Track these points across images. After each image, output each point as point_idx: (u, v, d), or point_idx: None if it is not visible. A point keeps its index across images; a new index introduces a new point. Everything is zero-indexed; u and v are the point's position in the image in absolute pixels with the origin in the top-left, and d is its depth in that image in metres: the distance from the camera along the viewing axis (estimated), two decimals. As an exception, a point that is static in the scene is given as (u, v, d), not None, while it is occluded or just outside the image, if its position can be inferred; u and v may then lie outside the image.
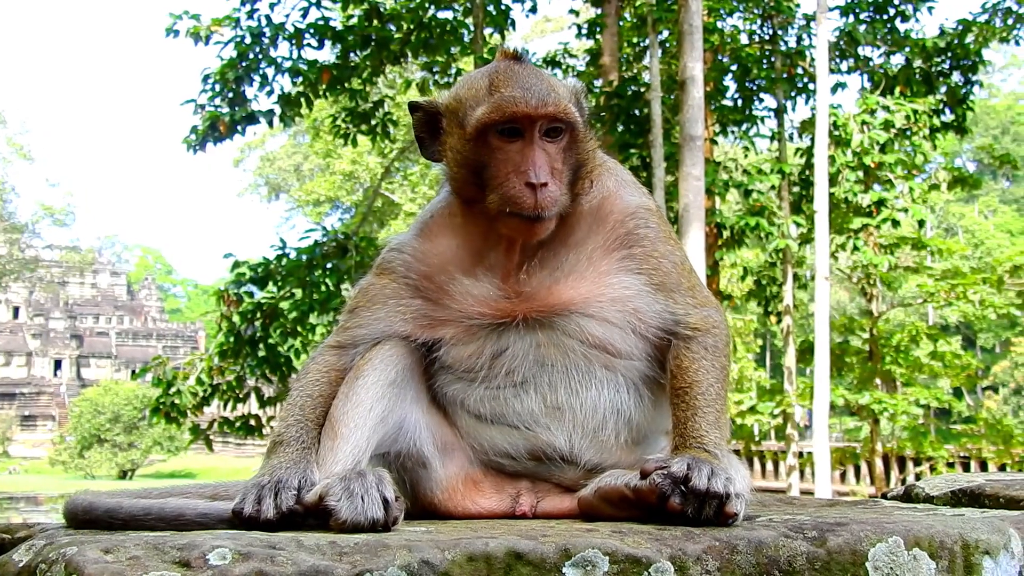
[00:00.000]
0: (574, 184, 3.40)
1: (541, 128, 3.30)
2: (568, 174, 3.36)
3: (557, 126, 3.32)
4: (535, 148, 3.29)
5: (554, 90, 3.34)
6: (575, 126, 3.36)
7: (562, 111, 3.31)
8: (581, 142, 3.40)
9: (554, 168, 3.30)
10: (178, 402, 21.47)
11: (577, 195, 3.43)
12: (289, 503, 2.98)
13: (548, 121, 3.30)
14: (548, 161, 3.29)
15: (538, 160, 3.27)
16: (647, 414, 3.52)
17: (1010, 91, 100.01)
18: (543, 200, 3.25)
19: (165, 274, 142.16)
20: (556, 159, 3.32)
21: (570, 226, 3.46)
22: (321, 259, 22.03)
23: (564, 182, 3.34)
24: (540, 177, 3.24)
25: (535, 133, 3.29)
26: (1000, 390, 75.40)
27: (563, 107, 3.31)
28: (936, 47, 26.07)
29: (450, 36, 23.81)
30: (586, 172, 3.46)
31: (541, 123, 3.29)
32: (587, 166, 3.45)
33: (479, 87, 3.39)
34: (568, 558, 2.52)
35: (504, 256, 3.45)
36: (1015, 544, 2.95)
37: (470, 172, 3.41)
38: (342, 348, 3.55)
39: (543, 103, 3.28)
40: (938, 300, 31.08)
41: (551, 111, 3.29)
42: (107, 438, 72.37)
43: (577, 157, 3.39)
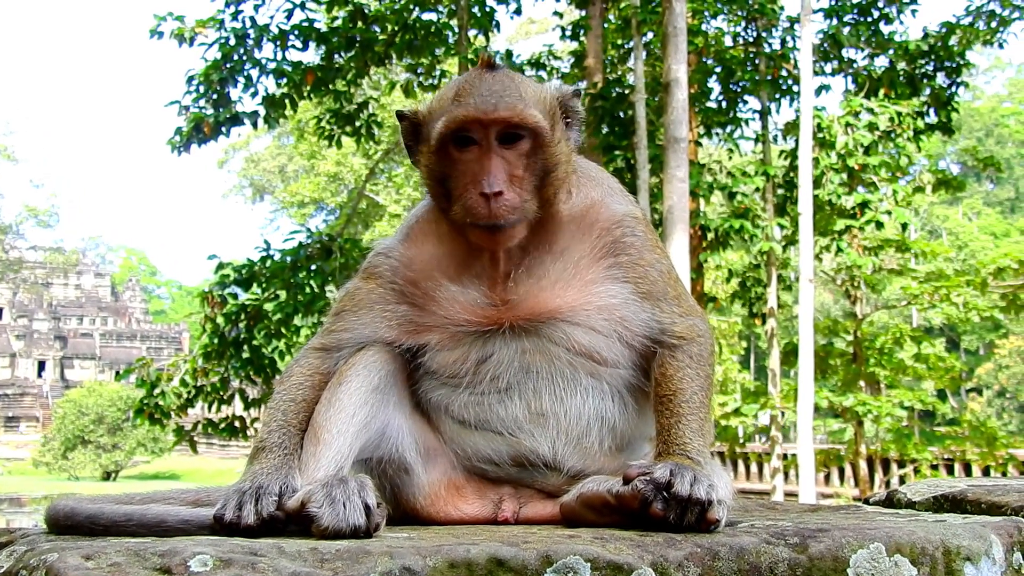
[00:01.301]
0: (543, 190, 3.36)
1: (496, 135, 3.28)
2: (533, 180, 3.33)
3: (514, 132, 3.29)
4: (491, 156, 3.27)
5: (513, 96, 3.30)
6: (537, 132, 3.31)
7: (515, 117, 3.27)
8: (546, 147, 3.34)
9: (513, 175, 3.28)
10: (162, 403, 21.40)
11: (548, 202, 3.39)
12: (270, 509, 2.97)
13: (502, 127, 3.27)
14: (506, 168, 3.27)
15: (493, 168, 3.25)
16: (631, 421, 3.53)
17: (994, 93, 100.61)
18: (497, 209, 3.23)
19: (149, 275, 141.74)
20: (516, 166, 3.29)
21: (554, 233, 3.45)
22: (305, 261, 21.98)
23: (527, 188, 3.31)
24: (493, 186, 3.22)
25: (490, 141, 3.27)
26: (984, 392, 75.63)
27: (517, 113, 3.27)
28: (920, 49, 26.13)
29: (435, 38, 23.80)
30: (557, 178, 3.40)
31: (495, 130, 3.27)
32: (557, 171, 3.39)
33: (446, 98, 3.40)
34: (550, 565, 2.51)
35: (489, 264, 3.45)
36: (996, 550, 2.95)
37: (437, 183, 3.44)
38: (326, 351, 3.54)
39: (493, 109, 3.25)
40: (922, 302, 31.14)
41: (501, 116, 3.26)
42: (91, 439, 72.19)
43: (544, 162, 3.34)
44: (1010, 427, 65.35)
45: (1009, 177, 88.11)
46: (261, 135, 68.57)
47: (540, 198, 3.36)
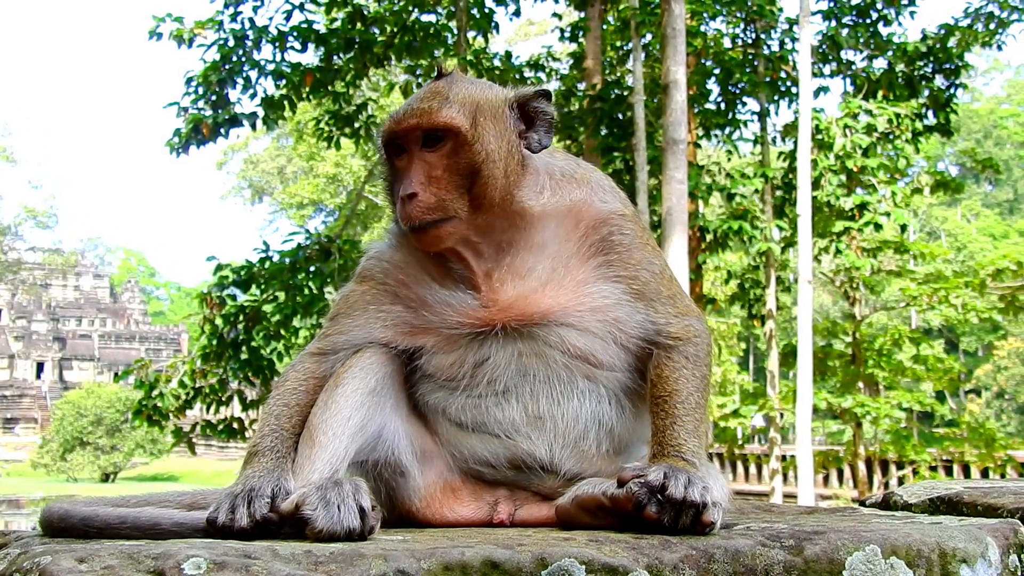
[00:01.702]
0: (474, 188, 3.35)
1: (417, 140, 3.34)
2: (457, 180, 3.33)
3: (434, 134, 3.33)
4: (413, 161, 3.34)
5: (432, 100, 3.37)
6: (454, 132, 3.33)
7: (427, 121, 3.32)
8: (467, 146, 3.34)
9: (431, 176, 3.32)
10: (160, 405, 21.39)
11: (482, 200, 3.37)
12: (263, 511, 2.96)
13: (419, 132, 3.33)
14: (425, 170, 3.32)
15: (411, 172, 3.32)
16: (628, 424, 3.53)
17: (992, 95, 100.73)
18: (411, 211, 3.29)
19: (148, 277, 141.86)
20: (436, 167, 3.32)
21: (530, 231, 3.45)
22: (304, 262, 21.97)
23: (450, 188, 3.33)
24: (407, 189, 3.30)
25: (413, 146, 3.35)
26: (983, 394, 75.72)
27: (429, 116, 3.32)
28: (918, 51, 26.17)
29: (433, 39, 23.79)
30: (490, 176, 3.37)
31: (414, 135, 3.34)
32: (487, 169, 3.36)
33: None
34: (544, 567, 2.51)
35: (463, 266, 3.46)
36: (992, 553, 2.95)
37: (388, 192, 3.56)
38: (322, 355, 3.54)
39: (409, 115, 3.34)
40: (921, 304, 31.16)
41: (413, 123, 3.33)
42: (89, 441, 72.22)
43: (468, 162, 3.34)
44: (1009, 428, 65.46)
45: (1008, 179, 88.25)
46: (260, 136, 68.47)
47: (472, 197, 3.35)
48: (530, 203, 3.45)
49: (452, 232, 3.34)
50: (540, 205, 3.47)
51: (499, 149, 3.41)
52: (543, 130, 3.52)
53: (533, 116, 3.51)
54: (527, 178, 3.47)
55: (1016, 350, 70.59)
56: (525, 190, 3.45)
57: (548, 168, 3.56)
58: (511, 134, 3.46)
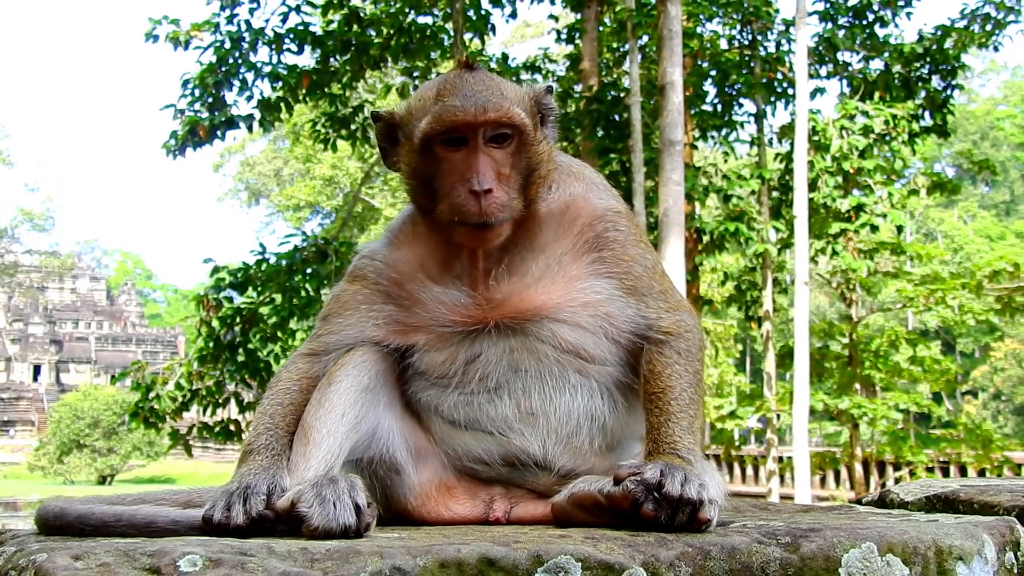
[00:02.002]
0: (527, 188, 3.38)
1: (485, 135, 3.30)
2: (518, 179, 3.35)
3: (502, 132, 3.32)
4: (479, 155, 3.29)
5: (498, 96, 3.33)
6: (522, 130, 3.34)
7: (504, 116, 3.30)
8: (531, 146, 3.38)
9: (501, 174, 3.31)
10: (157, 407, 21.38)
11: (531, 200, 3.41)
12: (258, 508, 2.96)
13: (491, 127, 3.30)
14: (494, 167, 3.30)
15: (482, 167, 3.27)
16: (621, 420, 3.52)
17: (989, 96, 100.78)
18: (487, 207, 3.25)
19: (145, 279, 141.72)
20: (504, 164, 3.32)
21: (534, 230, 3.46)
22: (301, 264, 21.98)
23: (514, 187, 3.34)
24: (484, 184, 3.24)
25: (478, 140, 3.30)
26: (979, 395, 75.72)
27: (505, 112, 3.30)
28: (915, 52, 26.17)
29: (430, 41, 23.76)
30: (540, 176, 3.43)
31: (484, 130, 3.30)
32: (540, 170, 3.42)
33: (427, 98, 3.41)
34: (540, 564, 2.51)
35: (469, 263, 3.45)
36: (988, 550, 2.95)
37: (420, 183, 3.45)
38: (315, 355, 3.54)
39: (483, 110, 3.28)
40: (917, 305, 31.17)
41: (492, 117, 3.28)
42: (86, 443, 72.11)
43: (528, 161, 3.37)
44: (1005, 430, 65.49)
45: (1004, 180, 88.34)
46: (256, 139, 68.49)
47: (525, 196, 3.38)
48: (542, 202, 3.49)
49: (505, 231, 3.36)
50: (548, 204, 3.50)
51: (547, 148, 3.48)
52: (551, 126, 3.56)
53: (545, 113, 3.53)
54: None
55: (1013, 352, 70.60)
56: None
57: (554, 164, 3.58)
58: (544, 132, 3.50)
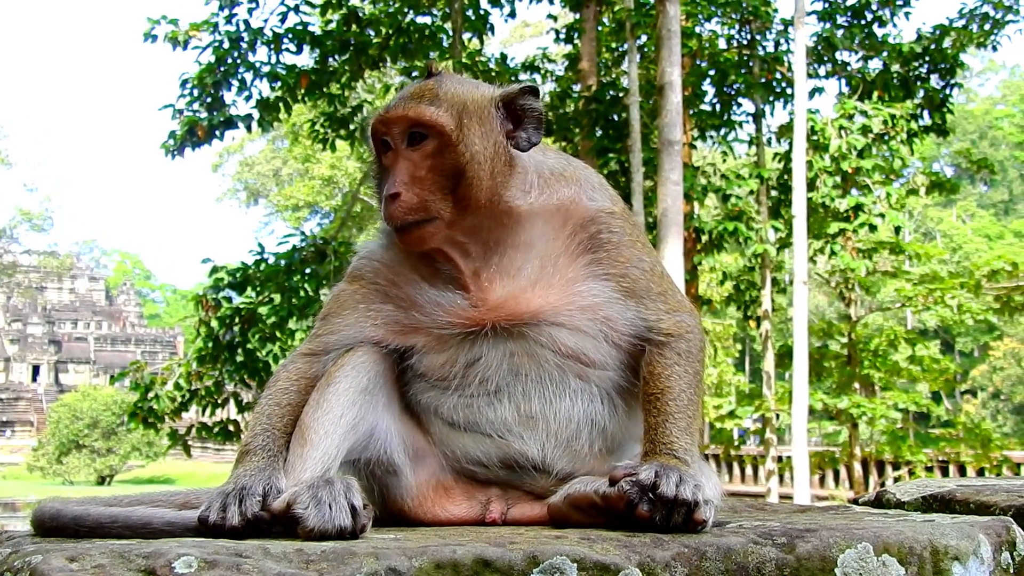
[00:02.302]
0: (459, 189, 3.33)
1: (403, 137, 3.34)
2: (441, 180, 3.32)
3: (417, 132, 3.33)
4: (397, 158, 3.34)
5: (419, 99, 3.35)
6: (439, 130, 3.32)
7: (412, 117, 3.31)
8: (453, 146, 3.32)
9: (415, 176, 3.31)
10: (156, 407, 21.38)
11: (468, 200, 3.34)
12: (254, 509, 2.96)
13: (403, 128, 3.34)
14: (409, 170, 3.31)
15: (396, 170, 3.32)
16: (621, 423, 3.51)
17: (987, 96, 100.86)
18: (393, 211, 3.28)
19: (144, 279, 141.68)
20: (420, 167, 3.32)
21: (515, 228, 3.43)
22: (300, 264, 21.97)
23: (434, 189, 3.31)
24: (390, 188, 3.29)
25: (398, 144, 3.35)
26: (979, 394, 75.71)
27: (414, 112, 3.31)
28: (913, 52, 26.20)
29: (429, 41, 23.76)
30: (475, 177, 3.35)
31: (398, 131, 3.34)
32: (472, 171, 3.34)
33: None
34: (536, 565, 2.51)
35: (451, 266, 3.45)
36: (984, 550, 2.95)
37: (376, 189, 3.54)
38: (314, 355, 3.52)
39: (394, 111, 3.33)
40: (916, 304, 31.21)
41: (396, 115, 3.33)
42: (85, 444, 72.12)
43: (453, 162, 3.32)
44: (1004, 429, 65.51)
45: (1003, 179, 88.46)
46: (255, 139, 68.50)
47: (456, 197, 3.33)
48: (517, 202, 3.43)
49: (435, 233, 3.33)
50: (528, 204, 3.45)
51: (484, 150, 3.39)
52: (532, 128, 3.48)
53: (521, 114, 3.48)
54: (515, 177, 3.45)
55: (1012, 351, 70.63)
56: (513, 189, 3.43)
57: (538, 167, 3.53)
58: (497, 134, 3.44)
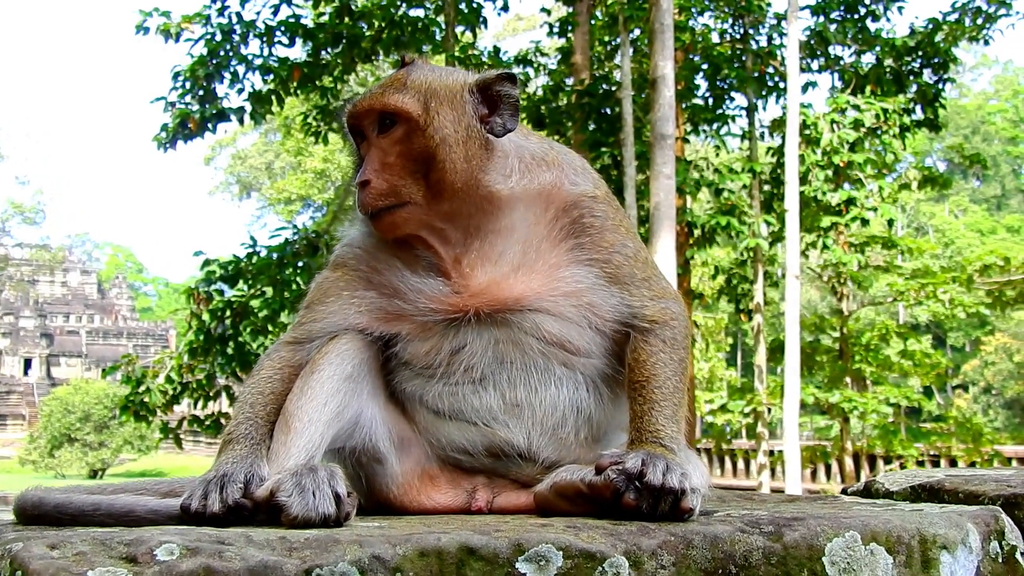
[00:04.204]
0: (430, 175, 3.33)
1: (373, 126, 3.38)
2: (410, 165, 3.33)
3: (387, 119, 3.35)
4: (370, 148, 3.38)
5: (388, 87, 3.39)
6: (405, 117, 3.33)
7: (378, 105, 3.36)
8: (420, 131, 3.33)
9: (385, 163, 3.34)
10: (147, 400, 21.38)
11: (441, 185, 3.35)
12: (235, 496, 2.94)
13: (373, 116, 3.37)
14: (379, 157, 3.34)
15: (368, 159, 3.36)
16: (607, 411, 3.51)
17: (980, 91, 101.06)
18: (363, 198, 3.34)
19: (136, 273, 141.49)
20: (390, 153, 3.34)
21: (495, 213, 3.42)
22: (292, 257, 21.99)
23: (404, 174, 3.33)
24: (361, 176, 3.33)
25: (369, 133, 3.39)
26: (970, 389, 75.89)
27: (380, 101, 3.35)
28: (906, 46, 26.23)
29: (421, 34, 23.78)
30: (447, 161, 3.34)
31: (367, 120, 3.38)
32: (443, 155, 3.34)
33: None
34: (521, 553, 2.49)
35: (430, 252, 3.45)
36: (973, 539, 2.94)
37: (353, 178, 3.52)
38: (298, 344, 3.51)
39: (361, 101, 3.39)
40: (908, 299, 31.26)
41: (364, 106, 3.38)
42: (77, 437, 72.03)
43: (422, 147, 3.33)
44: (996, 423, 65.55)
45: (995, 174, 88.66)
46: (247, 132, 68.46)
47: (429, 182, 3.34)
48: (497, 187, 3.42)
49: (408, 218, 3.35)
50: (508, 189, 3.44)
51: (455, 134, 3.38)
52: (508, 113, 3.47)
53: (497, 100, 3.47)
54: (494, 162, 3.44)
55: (1003, 346, 70.79)
56: (492, 174, 3.42)
57: (519, 151, 3.52)
58: (470, 119, 3.43)
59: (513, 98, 3.49)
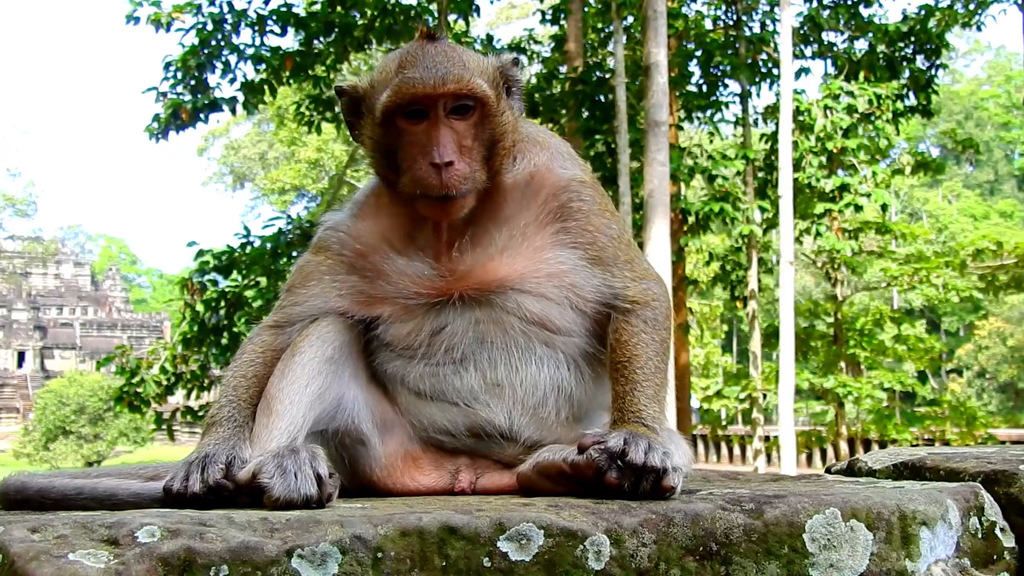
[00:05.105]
0: (491, 160, 3.36)
1: (446, 107, 3.28)
2: (482, 150, 3.33)
3: (464, 103, 3.29)
4: (440, 127, 3.27)
5: (459, 67, 3.30)
6: (484, 102, 3.31)
7: (464, 88, 3.27)
8: (494, 117, 3.35)
9: (463, 146, 3.29)
10: (142, 391, 21.37)
11: (496, 171, 3.39)
12: (216, 476, 2.95)
13: (451, 99, 3.27)
14: (455, 139, 3.27)
15: (443, 139, 3.25)
16: (588, 391, 3.52)
17: (973, 76, 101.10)
18: (448, 180, 3.23)
19: (129, 264, 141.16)
20: (466, 136, 3.30)
21: (498, 201, 3.44)
22: (286, 247, 21.95)
23: (477, 159, 3.32)
24: (444, 157, 3.22)
25: (439, 112, 3.27)
26: (964, 373, 76.05)
27: (466, 84, 3.27)
28: (899, 32, 26.23)
29: (414, 22, 23.64)
30: (504, 147, 3.40)
31: (444, 102, 3.27)
32: (504, 141, 3.40)
33: (388, 70, 3.37)
34: (503, 532, 2.50)
35: (433, 235, 3.44)
36: (953, 515, 2.95)
37: (383, 156, 3.42)
38: (279, 327, 3.52)
39: (442, 82, 3.25)
40: (902, 284, 31.34)
41: (452, 89, 3.25)
42: (72, 429, 71.93)
43: (491, 132, 3.35)
44: (990, 407, 65.67)
45: (988, 160, 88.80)
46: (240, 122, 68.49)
47: (489, 168, 3.36)
48: (507, 172, 3.46)
49: (468, 203, 3.34)
50: (513, 174, 3.48)
51: (511, 119, 3.45)
52: (517, 97, 3.52)
53: (510, 84, 3.50)
54: None
55: (997, 330, 70.95)
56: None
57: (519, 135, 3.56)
58: (509, 103, 3.48)
59: (520, 81, 3.53)
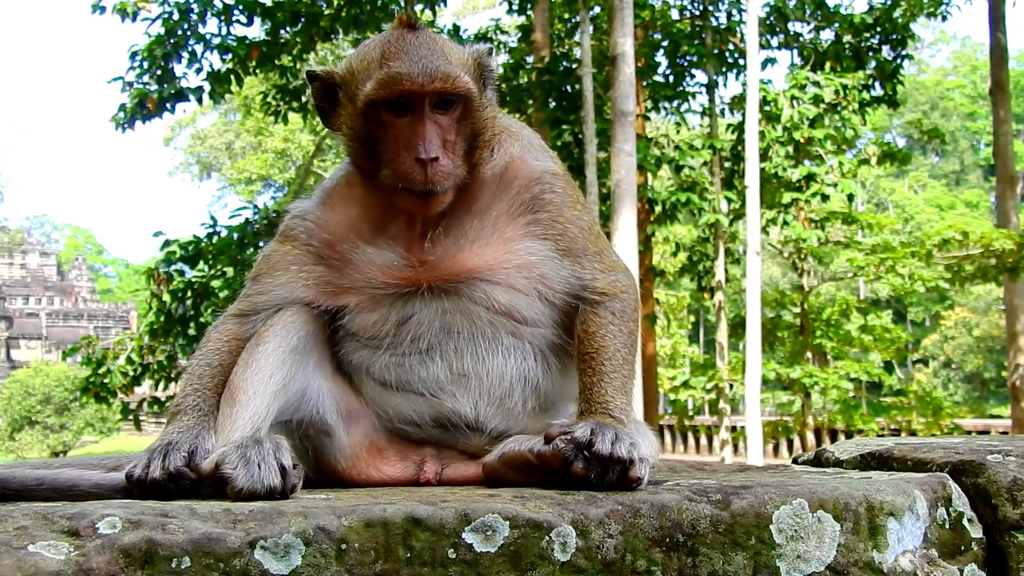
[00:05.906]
0: (471, 154, 3.35)
1: (431, 102, 3.24)
2: (464, 144, 3.31)
3: (449, 98, 3.27)
4: (425, 122, 3.23)
5: (445, 62, 3.27)
6: (468, 97, 3.29)
7: (451, 85, 3.24)
8: (477, 111, 3.34)
9: (447, 140, 3.26)
10: (108, 382, 21.27)
11: (476, 164, 3.38)
12: (177, 464, 2.93)
13: (437, 95, 3.24)
14: (440, 134, 3.25)
15: (428, 134, 3.22)
16: (555, 381, 3.51)
17: (939, 67, 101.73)
18: (433, 175, 3.21)
19: (96, 254, 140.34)
20: (449, 131, 3.27)
21: (473, 193, 3.42)
22: (252, 237, 21.88)
23: (459, 153, 3.30)
24: (430, 152, 3.20)
25: (425, 107, 3.24)
26: (930, 363, 76.55)
27: (453, 80, 3.24)
28: (865, 22, 26.39)
29: (381, 12, 23.59)
30: (484, 140, 3.40)
31: (430, 97, 3.24)
32: (484, 135, 3.39)
33: (370, 60, 3.32)
34: (468, 523, 2.49)
35: (406, 226, 3.41)
36: (920, 506, 2.96)
37: (363, 146, 3.38)
38: (244, 316, 3.49)
39: (431, 78, 3.21)
40: (868, 274, 31.40)
41: (438, 87, 3.22)
42: (38, 420, 71.56)
43: (473, 127, 3.33)
44: (956, 397, 66.18)
45: (954, 150, 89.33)
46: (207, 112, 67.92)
47: (469, 161, 3.35)
48: (484, 165, 3.46)
49: (449, 198, 3.33)
50: (490, 166, 3.47)
51: (492, 113, 3.45)
52: (491, 88, 3.50)
53: (485, 75, 3.48)
54: None
55: (963, 320, 71.45)
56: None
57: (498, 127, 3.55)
58: (488, 96, 3.46)
59: (495, 72, 3.52)
